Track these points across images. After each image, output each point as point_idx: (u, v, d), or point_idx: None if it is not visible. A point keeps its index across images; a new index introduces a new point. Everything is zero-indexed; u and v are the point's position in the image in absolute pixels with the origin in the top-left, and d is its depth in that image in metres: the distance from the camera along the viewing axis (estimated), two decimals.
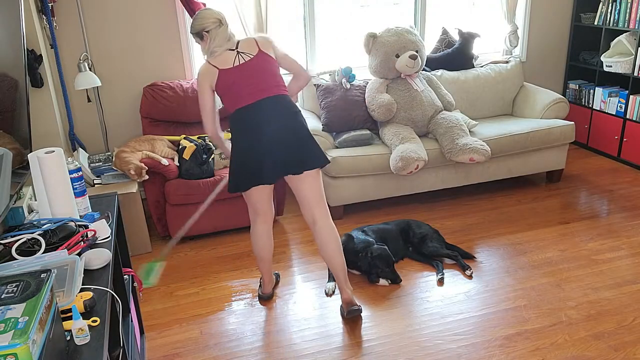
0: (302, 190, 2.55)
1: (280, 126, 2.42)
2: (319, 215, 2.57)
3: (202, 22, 2.46)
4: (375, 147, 3.70)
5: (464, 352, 2.40)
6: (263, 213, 2.69)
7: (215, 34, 2.47)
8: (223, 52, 2.48)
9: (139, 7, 3.74)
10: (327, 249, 2.59)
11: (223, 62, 2.47)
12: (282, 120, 2.43)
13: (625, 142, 4.41)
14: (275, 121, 2.42)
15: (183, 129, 3.78)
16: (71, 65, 3.69)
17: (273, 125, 2.42)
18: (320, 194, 2.57)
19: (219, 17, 2.48)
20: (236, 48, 2.49)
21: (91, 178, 3.36)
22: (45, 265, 1.46)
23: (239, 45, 2.50)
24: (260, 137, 2.42)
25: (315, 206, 2.56)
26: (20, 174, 1.84)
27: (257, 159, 2.44)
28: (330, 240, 2.58)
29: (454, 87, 4.21)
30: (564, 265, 3.05)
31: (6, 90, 1.77)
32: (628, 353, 2.35)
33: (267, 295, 2.88)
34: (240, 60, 2.47)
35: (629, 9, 4.23)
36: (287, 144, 2.43)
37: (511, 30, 4.53)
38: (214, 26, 2.46)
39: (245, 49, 2.49)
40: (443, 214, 3.76)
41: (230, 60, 2.46)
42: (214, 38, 2.47)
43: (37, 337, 1.03)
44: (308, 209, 2.58)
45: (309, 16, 4.14)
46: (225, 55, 2.48)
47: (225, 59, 2.47)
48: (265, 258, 2.78)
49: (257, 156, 2.43)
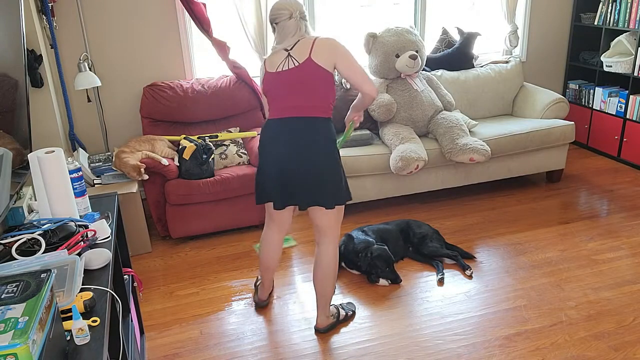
0: (313, 214, 2.42)
1: (295, 154, 2.25)
2: (323, 240, 2.45)
3: (273, 13, 2.27)
4: (375, 147, 3.70)
5: (464, 352, 2.40)
6: (279, 222, 2.58)
7: (281, 27, 2.26)
8: (278, 50, 2.27)
9: (139, 7, 3.74)
10: (316, 273, 2.49)
11: (272, 63, 2.30)
12: (300, 149, 2.24)
13: (625, 142, 4.41)
14: (293, 147, 2.25)
15: (183, 129, 3.78)
16: (71, 65, 3.69)
17: (290, 150, 2.25)
18: (328, 224, 2.41)
19: (290, 9, 2.23)
20: (291, 49, 2.25)
21: (91, 178, 3.36)
22: (45, 265, 1.46)
23: (297, 45, 2.25)
24: (275, 157, 2.29)
25: (322, 231, 2.44)
26: (20, 174, 1.84)
27: (270, 177, 2.34)
28: (322, 266, 2.46)
29: (454, 87, 4.21)
30: (564, 265, 3.05)
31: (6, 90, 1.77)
32: (628, 353, 2.35)
33: (262, 303, 2.79)
34: (286, 65, 2.25)
35: (629, 9, 4.23)
36: (297, 175, 2.26)
37: (511, 30, 4.54)
38: (283, 18, 2.24)
39: (297, 53, 2.24)
40: (443, 214, 3.76)
41: (277, 63, 2.27)
42: (279, 32, 2.27)
43: (37, 337, 1.03)
44: (316, 230, 2.47)
45: (309, 16, 4.14)
46: (277, 55, 2.28)
47: (274, 60, 2.29)
48: (271, 266, 2.70)
49: (270, 175, 2.33)
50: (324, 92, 2.27)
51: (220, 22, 3.94)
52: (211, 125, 3.84)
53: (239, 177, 3.42)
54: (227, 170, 3.52)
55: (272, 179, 2.33)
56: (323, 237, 2.45)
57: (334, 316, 2.62)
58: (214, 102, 3.75)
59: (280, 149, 2.28)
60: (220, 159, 3.62)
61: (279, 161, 2.29)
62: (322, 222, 2.41)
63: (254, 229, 3.67)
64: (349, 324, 2.64)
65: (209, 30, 3.68)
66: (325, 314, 2.57)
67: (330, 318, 2.60)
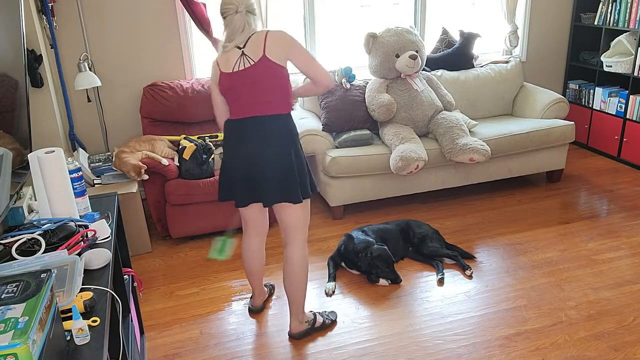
0: (278, 212, 2.38)
1: (257, 151, 2.24)
2: (289, 242, 2.41)
3: (221, 7, 2.22)
4: (375, 147, 3.70)
5: (464, 352, 2.40)
6: (253, 225, 2.54)
7: (229, 22, 2.21)
8: (231, 49, 2.23)
9: (139, 7, 3.74)
10: (285, 280, 2.45)
11: (225, 63, 2.25)
12: (261, 146, 2.23)
13: (625, 142, 4.41)
14: (254, 145, 2.24)
15: (183, 129, 3.78)
16: (71, 65, 3.69)
17: (251, 148, 2.24)
18: (296, 223, 2.37)
19: (235, 3, 2.19)
20: (243, 46, 2.21)
21: (91, 178, 3.36)
22: (45, 265, 1.46)
23: (249, 42, 2.21)
24: (238, 155, 2.28)
25: (288, 232, 2.40)
26: (20, 174, 1.84)
27: (233, 175, 2.32)
28: (291, 273, 2.42)
29: (454, 87, 4.21)
30: (564, 265, 3.05)
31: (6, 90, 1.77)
32: (628, 353, 2.35)
33: (256, 309, 2.75)
34: (241, 65, 2.21)
35: (629, 9, 4.23)
36: (261, 171, 2.24)
37: (511, 30, 4.54)
38: (230, 12, 2.20)
39: (250, 51, 2.20)
40: (443, 214, 3.76)
41: (232, 63, 2.23)
42: (227, 26, 2.22)
43: (37, 337, 1.03)
44: (283, 231, 2.43)
45: (309, 16, 4.14)
46: (230, 54, 2.23)
47: (228, 59, 2.24)
48: (255, 272, 2.65)
49: (233, 173, 2.32)
50: (282, 88, 2.26)
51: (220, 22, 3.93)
52: (211, 125, 3.84)
53: None
54: None
55: (236, 177, 2.31)
56: (289, 239, 2.40)
57: (309, 322, 2.56)
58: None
59: (242, 147, 2.26)
60: (220, 159, 3.61)
61: (242, 159, 2.27)
62: (288, 221, 2.37)
63: None
64: (349, 324, 2.64)
65: (209, 30, 3.68)
66: (298, 320, 2.51)
67: (305, 324, 2.54)
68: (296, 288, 2.44)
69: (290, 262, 2.42)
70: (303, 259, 2.42)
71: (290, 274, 2.42)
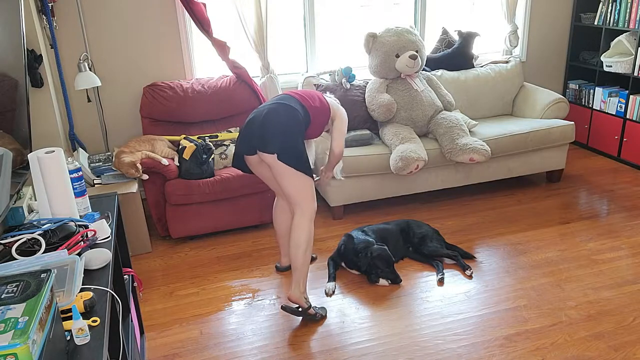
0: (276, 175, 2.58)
1: (265, 113, 2.54)
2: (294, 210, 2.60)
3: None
4: (375, 147, 3.70)
5: (464, 352, 2.40)
6: (270, 184, 2.83)
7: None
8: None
9: (139, 7, 3.74)
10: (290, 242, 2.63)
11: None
12: (269, 114, 2.54)
13: (625, 142, 4.41)
14: (264, 112, 2.56)
15: (183, 129, 3.78)
16: (71, 65, 3.69)
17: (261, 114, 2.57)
18: (295, 190, 2.55)
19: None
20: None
21: (91, 178, 3.36)
22: (45, 265, 1.46)
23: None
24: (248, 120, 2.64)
25: (291, 200, 2.60)
26: (20, 174, 1.84)
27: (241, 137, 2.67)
28: (292, 237, 2.60)
29: (454, 87, 4.21)
30: (564, 265, 3.05)
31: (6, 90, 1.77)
32: (628, 353, 2.35)
33: (282, 268, 3.09)
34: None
35: (629, 9, 4.23)
36: (257, 124, 2.54)
37: (511, 30, 4.54)
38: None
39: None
40: (443, 214, 3.76)
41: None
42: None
43: (37, 337, 1.03)
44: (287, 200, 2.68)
45: (309, 16, 4.14)
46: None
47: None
48: (278, 231, 2.98)
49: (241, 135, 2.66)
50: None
51: (220, 22, 3.95)
52: (211, 125, 3.84)
53: (239, 177, 3.42)
54: (227, 170, 3.52)
55: (242, 136, 2.63)
56: (292, 209, 2.62)
57: (307, 302, 2.64)
58: (214, 102, 3.75)
59: (253, 116, 2.60)
60: (220, 159, 3.61)
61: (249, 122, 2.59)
62: (286, 191, 2.56)
63: (253, 229, 3.67)
64: (349, 324, 2.63)
65: (209, 30, 3.68)
66: (298, 289, 2.62)
67: (304, 300, 2.63)
68: (294, 252, 2.60)
69: (292, 231, 2.61)
70: (301, 227, 2.58)
71: (292, 240, 2.61)
